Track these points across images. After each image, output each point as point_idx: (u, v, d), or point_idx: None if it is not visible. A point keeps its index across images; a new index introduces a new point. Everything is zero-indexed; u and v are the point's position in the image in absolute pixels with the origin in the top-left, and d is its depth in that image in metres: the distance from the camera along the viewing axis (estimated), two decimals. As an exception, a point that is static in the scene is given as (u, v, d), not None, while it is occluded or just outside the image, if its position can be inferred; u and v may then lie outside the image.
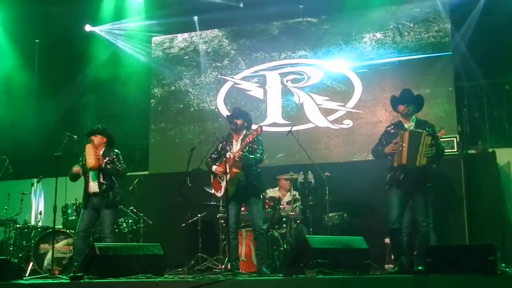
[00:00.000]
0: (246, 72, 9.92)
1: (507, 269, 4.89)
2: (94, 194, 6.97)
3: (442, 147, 6.30)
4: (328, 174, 7.73)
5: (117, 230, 7.74)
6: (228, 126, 6.92)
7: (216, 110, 9.90)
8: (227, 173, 6.39)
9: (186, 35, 10.40)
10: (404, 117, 6.24)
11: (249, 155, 6.44)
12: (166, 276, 6.27)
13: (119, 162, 7.06)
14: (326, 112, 9.32)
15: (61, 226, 8.13)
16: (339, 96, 9.31)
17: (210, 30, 10.26)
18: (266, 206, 7.65)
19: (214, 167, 6.70)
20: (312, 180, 7.89)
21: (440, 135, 6.34)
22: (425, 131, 5.98)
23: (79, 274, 5.63)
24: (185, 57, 10.33)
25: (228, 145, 6.70)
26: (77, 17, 10.29)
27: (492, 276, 4.44)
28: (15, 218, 8.71)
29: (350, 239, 5.94)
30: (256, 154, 6.52)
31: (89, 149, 6.99)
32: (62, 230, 8.06)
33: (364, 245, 5.80)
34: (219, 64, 10.11)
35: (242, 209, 6.85)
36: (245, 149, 6.45)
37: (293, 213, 7.67)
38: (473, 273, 4.48)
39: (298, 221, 7.79)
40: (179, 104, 10.17)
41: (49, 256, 7.77)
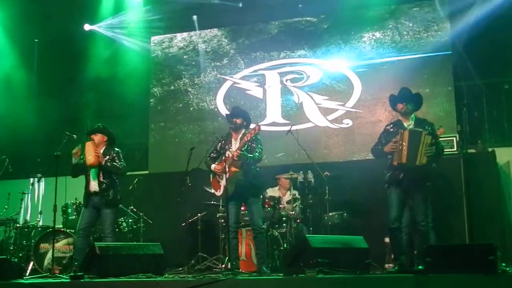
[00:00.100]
0: (246, 72, 9.92)
1: (507, 269, 4.89)
2: (94, 193, 6.97)
3: (441, 146, 6.31)
4: (328, 174, 7.73)
5: (117, 230, 7.73)
6: (227, 125, 6.92)
7: (216, 109, 9.90)
8: (226, 172, 6.40)
9: (185, 34, 10.40)
10: (403, 116, 6.25)
11: (248, 154, 6.43)
12: (166, 275, 6.27)
13: (119, 160, 7.06)
14: (326, 111, 9.32)
15: (61, 226, 8.13)
16: (338, 95, 9.31)
17: (209, 30, 10.25)
18: (266, 206, 7.66)
19: (213, 166, 6.69)
20: (312, 180, 7.89)
21: (439, 134, 6.35)
22: (425, 130, 5.99)
23: (80, 274, 5.64)
24: (185, 57, 10.32)
25: (227, 144, 6.69)
26: (76, 16, 10.29)
27: (492, 276, 4.44)
28: (15, 218, 8.72)
29: (350, 239, 5.95)
30: (255, 153, 6.51)
31: (89, 146, 6.99)
32: (62, 229, 8.06)
33: (364, 245, 5.80)
34: (218, 64, 10.10)
35: (242, 208, 6.86)
36: (243, 148, 6.44)
37: (293, 212, 7.68)
38: (473, 272, 4.49)
39: (298, 221, 7.80)
40: (179, 103, 10.17)
41: (49, 255, 7.77)
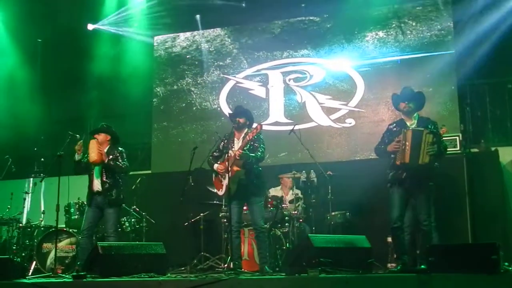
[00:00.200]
0: (249, 71, 9.91)
1: (510, 268, 4.88)
2: (97, 192, 6.98)
3: (444, 145, 6.29)
4: (331, 173, 7.72)
5: (119, 229, 7.74)
6: (230, 125, 6.91)
7: (219, 109, 9.90)
8: (228, 171, 6.39)
9: (188, 34, 10.40)
10: (406, 115, 6.23)
11: (250, 154, 6.42)
12: (168, 275, 6.26)
13: (122, 160, 7.06)
14: (329, 111, 9.31)
15: (64, 225, 8.13)
16: (341, 95, 9.30)
17: (212, 29, 10.25)
18: (268, 205, 7.66)
19: (215, 166, 6.69)
20: (315, 179, 7.89)
21: (442, 133, 6.33)
22: (426, 129, 5.97)
23: (82, 273, 5.65)
24: (187, 56, 10.33)
25: (230, 143, 6.68)
26: (79, 16, 10.29)
27: (495, 275, 4.43)
28: (18, 217, 8.74)
29: (352, 238, 5.95)
30: (257, 153, 6.50)
31: (93, 144, 6.98)
32: (65, 229, 8.06)
33: (367, 244, 5.80)
34: (221, 63, 10.10)
35: (245, 208, 6.85)
36: (245, 147, 6.44)
37: (295, 212, 7.67)
38: (476, 272, 4.48)
39: (301, 220, 7.79)
40: (182, 103, 10.17)
41: (52, 255, 7.77)
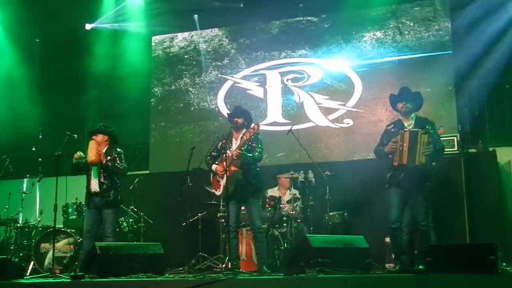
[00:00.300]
0: (246, 71, 9.91)
1: (508, 268, 4.89)
2: (95, 193, 6.99)
3: (442, 145, 6.31)
4: (329, 173, 7.72)
5: (117, 230, 7.73)
6: (228, 125, 6.91)
7: (216, 109, 9.89)
8: (226, 171, 6.39)
9: (186, 34, 10.39)
10: (403, 115, 6.24)
11: (247, 154, 6.42)
12: (166, 275, 6.28)
13: (120, 161, 7.06)
14: (326, 111, 9.32)
15: (62, 226, 8.13)
16: (339, 95, 9.30)
17: (210, 29, 10.25)
18: (266, 206, 7.66)
19: (214, 166, 6.69)
20: (313, 179, 7.89)
21: (439, 134, 6.34)
22: (421, 130, 5.98)
23: (80, 274, 5.65)
24: (185, 56, 10.32)
25: (228, 143, 6.68)
26: (77, 17, 10.28)
27: (493, 275, 4.44)
28: (15, 217, 8.72)
29: (350, 238, 5.96)
30: (255, 153, 6.50)
31: (92, 144, 7.02)
32: (62, 229, 8.05)
33: (365, 244, 5.81)
34: (219, 63, 10.10)
35: (243, 208, 6.85)
36: (243, 147, 6.44)
37: (293, 212, 7.68)
38: (474, 272, 4.49)
39: (299, 220, 7.79)
40: (179, 103, 10.16)
41: (50, 255, 7.77)
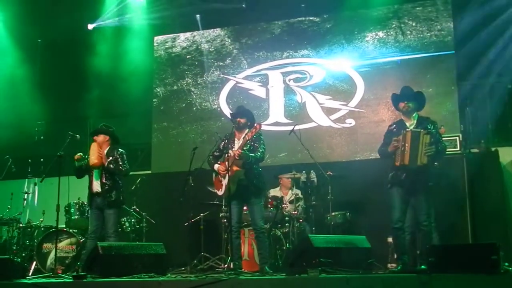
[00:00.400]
0: (249, 71, 9.91)
1: (510, 268, 4.88)
2: (97, 193, 6.99)
3: (444, 145, 6.29)
4: (331, 173, 7.72)
5: (120, 230, 7.74)
6: (230, 125, 6.91)
7: (219, 109, 9.90)
8: (228, 171, 6.39)
9: (188, 34, 10.40)
10: (405, 115, 6.22)
11: (249, 154, 6.41)
12: (169, 275, 6.27)
13: (122, 162, 7.06)
14: (329, 111, 9.31)
15: (64, 226, 8.13)
16: (341, 95, 9.30)
17: (212, 29, 10.25)
18: (269, 206, 7.67)
19: (216, 166, 6.68)
20: (315, 179, 7.89)
21: (441, 133, 6.32)
22: (424, 130, 5.96)
23: (82, 274, 5.65)
24: (188, 57, 10.33)
25: (230, 143, 6.67)
26: (78, 16, 10.29)
27: (495, 276, 4.43)
28: (18, 218, 8.73)
29: (352, 238, 5.96)
30: (257, 153, 6.49)
31: (94, 147, 7.04)
32: (65, 229, 8.06)
33: (367, 244, 5.81)
34: (221, 63, 10.10)
35: (245, 208, 6.85)
36: (245, 147, 6.43)
37: (295, 212, 7.68)
38: (476, 272, 4.48)
39: (301, 220, 7.79)
40: (182, 103, 10.17)
41: (52, 255, 7.77)
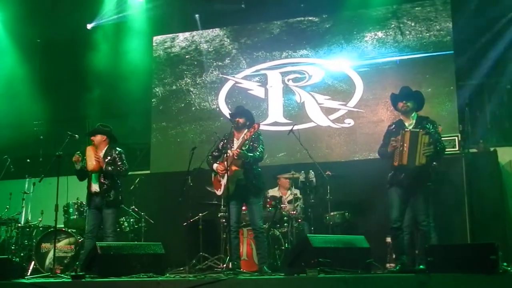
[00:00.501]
0: (248, 71, 9.92)
1: (509, 268, 4.88)
2: (95, 193, 6.99)
3: (443, 146, 6.29)
4: (330, 173, 7.72)
5: (118, 229, 7.74)
6: (229, 125, 6.91)
7: (217, 109, 9.90)
8: (227, 171, 6.39)
9: (187, 34, 10.40)
10: (404, 115, 6.23)
11: (248, 153, 6.41)
12: (167, 275, 6.27)
13: (121, 162, 7.06)
14: (328, 111, 9.32)
15: (63, 225, 8.13)
16: (340, 95, 9.30)
17: (211, 29, 10.26)
18: (267, 205, 7.66)
19: (215, 165, 6.69)
20: (314, 179, 7.89)
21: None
22: (422, 130, 5.97)
23: (81, 273, 5.64)
24: (187, 56, 10.33)
25: (229, 143, 6.67)
26: (78, 16, 10.29)
27: (494, 275, 4.43)
28: (16, 217, 8.73)
29: (351, 238, 5.95)
30: (256, 153, 6.49)
31: (90, 151, 7.00)
32: (63, 229, 8.06)
33: (366, 244, 5.80)
34: (220, 63, 10.10)
35: (244, 208, 6.85)
36: (244, 147, 6.43)
37: (294, 212, 7.67)
38: (475, 272, 4.48)
39: (300, 220, 7.79)
40: (181, 103, 10.17)
41: (50, 255, 7.78)
